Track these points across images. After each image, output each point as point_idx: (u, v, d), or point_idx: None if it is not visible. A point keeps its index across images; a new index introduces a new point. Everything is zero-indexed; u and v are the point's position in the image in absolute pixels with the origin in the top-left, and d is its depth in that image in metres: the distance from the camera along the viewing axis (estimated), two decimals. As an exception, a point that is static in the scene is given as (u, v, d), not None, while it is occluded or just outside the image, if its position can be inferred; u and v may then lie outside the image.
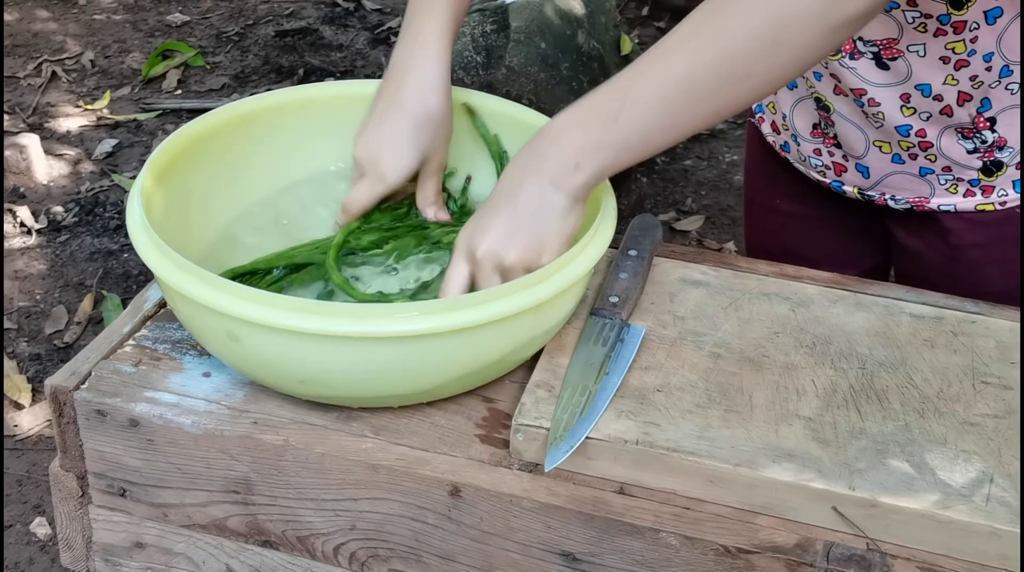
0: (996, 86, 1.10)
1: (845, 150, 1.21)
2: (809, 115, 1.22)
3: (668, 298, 1.05)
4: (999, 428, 0.91)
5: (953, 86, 1.10)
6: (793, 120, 1.24)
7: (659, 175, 3.06)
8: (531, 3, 2.76)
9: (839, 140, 1.21)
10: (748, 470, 0.86)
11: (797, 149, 1.26)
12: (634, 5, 3.98)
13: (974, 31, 1.06)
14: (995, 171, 1.17)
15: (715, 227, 2.87)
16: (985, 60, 1.08)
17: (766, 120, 1.30)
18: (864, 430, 0.90)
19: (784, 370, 0.96)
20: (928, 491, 0.84)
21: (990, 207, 1.20)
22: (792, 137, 1.26)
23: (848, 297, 1.07)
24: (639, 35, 3.79)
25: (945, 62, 1.09)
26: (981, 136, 1.14)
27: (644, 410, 0.91)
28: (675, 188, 3.01)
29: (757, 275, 1.10)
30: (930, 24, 1.06)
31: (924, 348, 1.00)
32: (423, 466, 0.89)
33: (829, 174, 1.25)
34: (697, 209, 2.93)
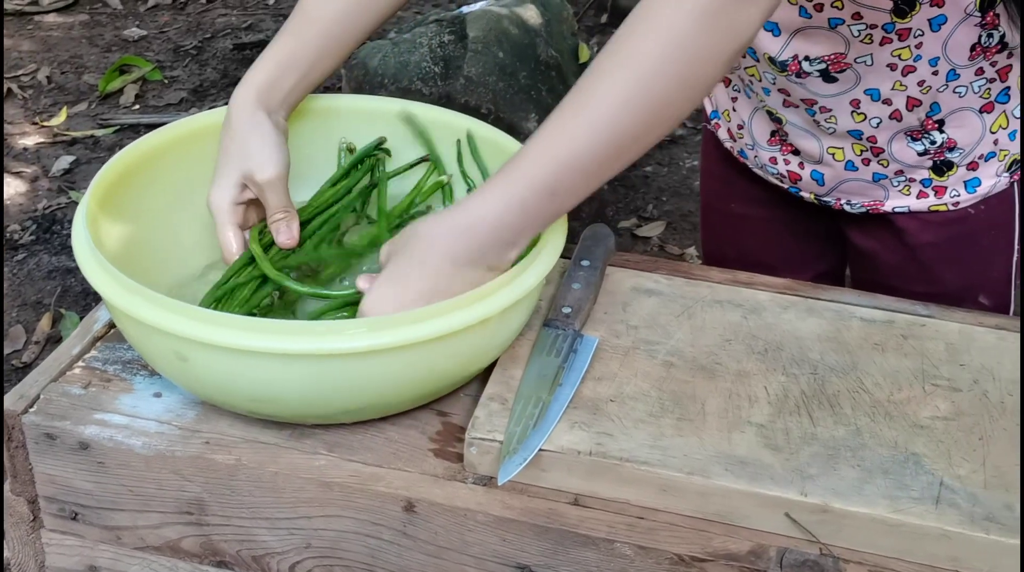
0: (944, 90, 1.12)
1: (802, 157, 1.22)
2: (766, 124, 1.23)
3: (621, 307, 1.05)
4: (948, 430, 0.92)
5: (902, 91, 1.11)
6: (751, 128, 1.25)
7: (620, 182, 3.07)
8: (488, 13, 2.77)
9: (795, 148, 1.22)
10: (701, 478, 0.86)
11: (755, 156, 1.27)
12: (592, 13, 3.99)
13: (919, 38, 1.07)
14: (946, 171, 1.18)
15: (676, 233, 2.88)
16: (931, 65, 1.09)
17: (722, 126, 1.31)
18: (816, 436, 0.91)
19: (736, 377, 0.97)
20: (879, 495, 0.85)
21: (943, 207, 1.21)
22: (749, 145, 1.27)
23: (799, 303, 1.07)
24: (598, 42, 3.80)
25: (892, 68, 1.10)
26: (930, 137, 1.15)
27: (597, 420, 0.91)
28: (636, 195, 3.02)
29: (709, 282, 1.10)
30: (876, 34, 1.07)
31: (875, 352, 1.01)
32: (377, 482, 0.89)
33: (786, 181, 1.26)
34: (658, 215, 2.94)
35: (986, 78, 1.12)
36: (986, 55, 1.10)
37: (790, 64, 1.12)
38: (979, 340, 1.03)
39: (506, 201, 0.89)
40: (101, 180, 0.99)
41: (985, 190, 1.20)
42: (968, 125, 1.15)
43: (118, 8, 4.05)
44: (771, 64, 1.13)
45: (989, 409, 0.94)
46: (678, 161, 3.17)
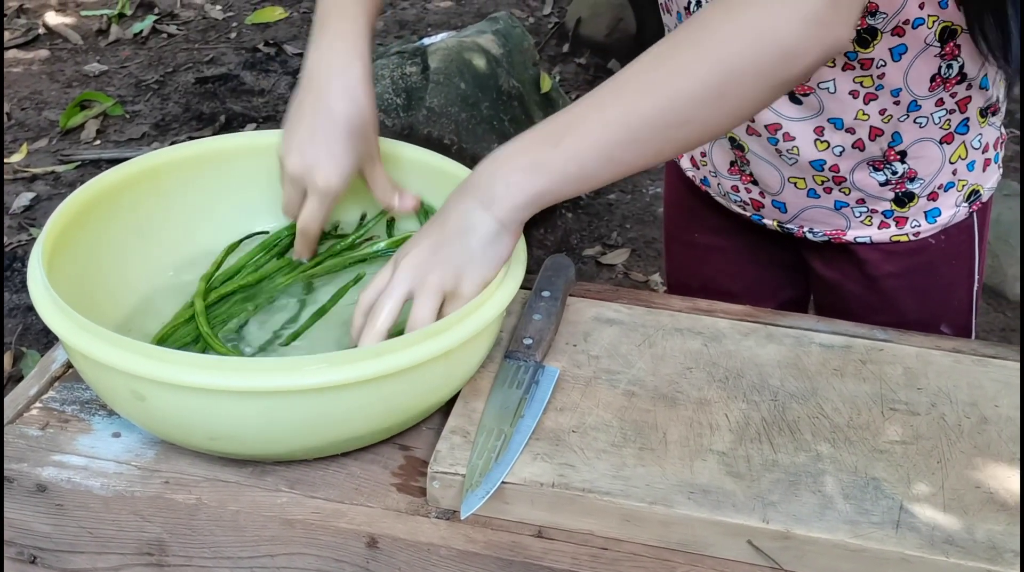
0: (905, 119, 1.13)
1: (761, 187, 1.23)
2: (725, 153, 1.24)
3: (582, 337, 1.05)
4: (907, 454, 0.93)
5: (864, 120, 1.13)
6: (712, 157, 1.26)
7: (584, 210, 3.08)
8: (450, 44, 2.78)
9: (755, 178, 1.23)
10: (663, 508, 0.86)
11: (717, 184, 1.28)
12: (554, 43, 4.02)
13: (881, 68, 1.09)
14: (907, 202, 1.20)
15: (641, 260, 2.89)
16: (893, 95, 1.11)
17: (684, 155, 1.32)
18: (777, 462, 0.91)
19: (697, 405, 0.97)
20: (840, 520, 0.85)
21: (904, 238, 1.23)
22: (711, 172, 1.28)
23: (759, 329, 1.08)
24: (560, 72, 3.83)
25: (855, 96, 1.11)
26: (892, 167, 1.17)
27: (559, 452, 0.91)
28: (600, 222, 3.04)
29: (670, 311, 1.11)
30: (838, 60, 1.08)
31: (834, 377, 1.02)
32: (339, 519, 0.88)
33: (748, 209, 1.27)
34: (623, 242, 2.96)
35: (946, 109, 1.13)
36: (946, 86, 1.11)
37: None
38: (936, 364, 1.04)
39: (513, 140, 0.91)
40: (58, 217, 0.99)
41: (945, 220, 1.21)
42: (928, 155, 1.17)
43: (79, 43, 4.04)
44: None
45: (947, 432, 0.95)
46: (641, 188, 3.20)
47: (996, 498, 0.88)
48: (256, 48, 3.97)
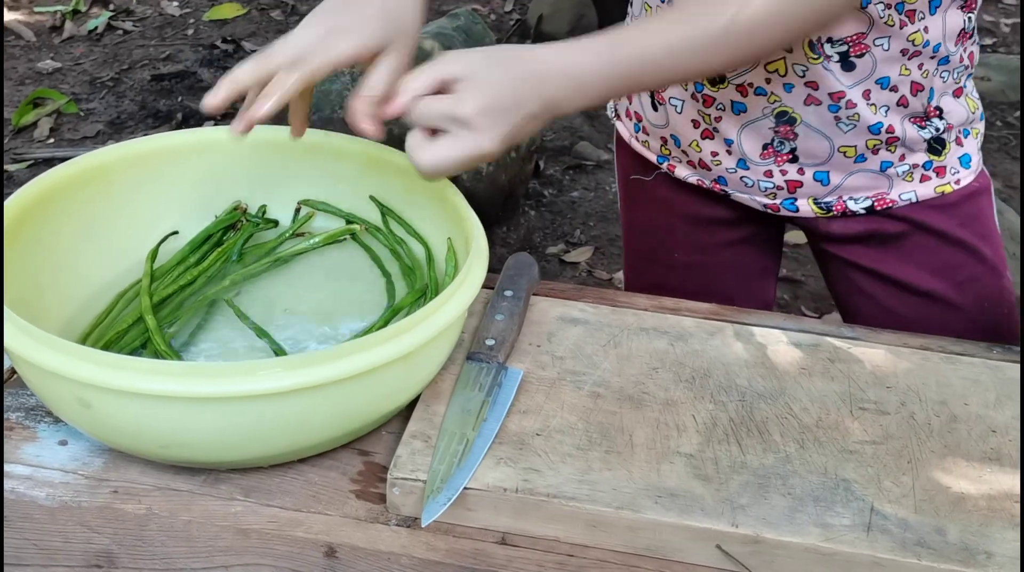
0: (935, 75, 1.14)
1: (802, 163, 1.20)
2: (760, 136, 1.19)
3: (546, 338, 1.03)
4: (877, 454, 0.91)
5: (907, 76, 1.13)
6: (741, 144, 1.21)
7: (547, 208, 3.06)
8: (410, 41, 2.75)
9: (796, 154, 1.19)
10: (630, 513, 0.84)
11: (740, 178, 1.23)
12: (516, 40, 4.00)
13: (922, 20, 1.09)
14: (941, 150, 1.20)
15: (604, 257, 2.88)
16: (934, 50, 1.12)
17: (682, 161, 1.27)
18: (745, 464, 0.89)
19: (664, 406, 0.95)
20: (810, 523, 0.84)
21: (948, 188, 1.21)
22: (738, 162, 1.22)
23: (726, 328, 1.06)
24: (522, 69, 3.81)
25: (904, 54, 1.11)
26: (933, 124, 1.18)
27: (523, 456, 0.88)
28: (563, 220, 3.02)
29: (635, 310, 1.09)
30: (894, 16, 1.08)
31: (802, 376, 1.00)
32: (296, 527, 0.85)
33: (781, 194, 1.23)
34: (586, 240, 2.94)
35: (964, 64, 1.17)
36: (964, 40, 1.14)
37: (818, 46, 1.12)
38: (904, 362, 1.03)
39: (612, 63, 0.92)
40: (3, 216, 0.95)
41: (977, 163, 1.22)
42: (954, 110, 1.19)
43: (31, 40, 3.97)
44: (809, 49, 1.12)
45: (917, 431, 0.94)
46: (604, 186, 3.18)
47: (967, 498, 0.87)
48: (214, 45, 3.91)
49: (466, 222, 0.98)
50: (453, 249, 1.02)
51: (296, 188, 1.13)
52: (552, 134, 3.40)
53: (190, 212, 1.11)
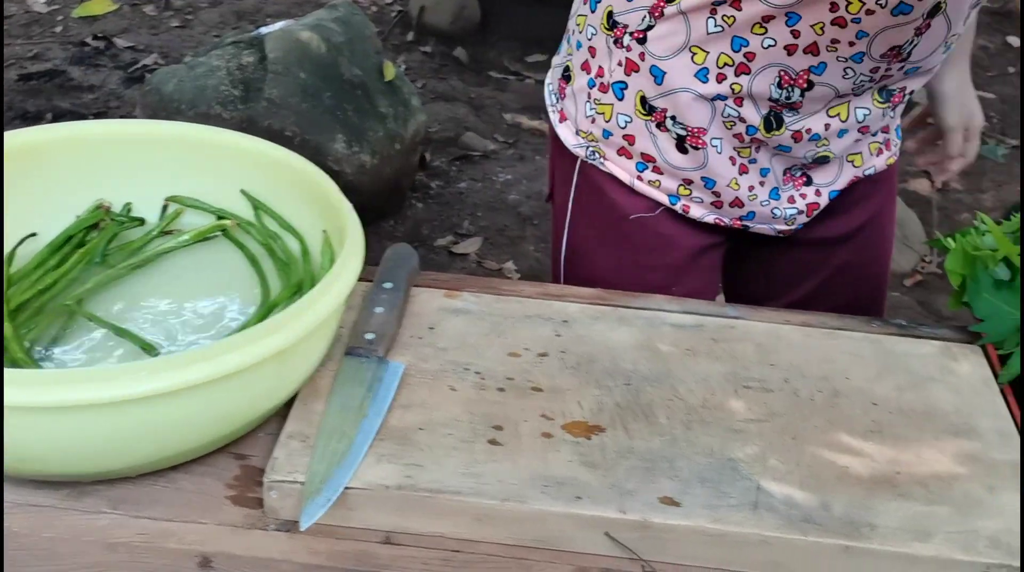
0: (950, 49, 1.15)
1: (816, 184, 1.20)
2: (787, 161, 1.18)
3: (428, 330, 1.00)
4: (762, 432, 0.91)
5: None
6: (776, 172, 1.18)
7: (434, 199, 3.03)
8: (288, 33, 2.69)
9: (811, 176, 1.20)
10: (516, 504, 0.82)
11: (772, 208, 1.20)
12: (399, 31, 3.95)
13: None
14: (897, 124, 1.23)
15: (494, 248, 2.86)
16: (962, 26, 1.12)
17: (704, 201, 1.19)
18: (632, 449, 0.88)
19: (550, 394, 0.93)
20: (698, 505, 0.83)
21: (892, 160, 1.25)
22: (771, 192, 1.19)
23: (610, 313, 1.05)
24: (405, 61, 3.76)
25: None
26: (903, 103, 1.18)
27: (406, 452, 0.86)
28: (451, 212, 2.99)
29: (519, 298, 1.07)
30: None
31: (687, 358, 0.99)
32: (168, 539, 0.81)
33: (800, 218, 1.22)
34: (475, 231, 2.92)
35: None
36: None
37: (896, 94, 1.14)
38: (786, 339, 1.03)
39: None
40: None
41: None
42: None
43: None
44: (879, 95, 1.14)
45: (800, 408, 0.94)
46: (491, 176, 3.16)
47: (851, 472, 0.87)
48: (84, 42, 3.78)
49: (341, 213, 0.95)
50: (329, 242, 0.98)
51: (163, 184, 1.08)
52: (438, 125, 3.37)
53: (49, 212, 1.05)
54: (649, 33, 1.10)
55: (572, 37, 1.20)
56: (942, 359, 1.02)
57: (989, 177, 3.23)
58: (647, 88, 1.12)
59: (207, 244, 1.07)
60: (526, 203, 3.04)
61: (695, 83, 1.10)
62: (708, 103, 1.11)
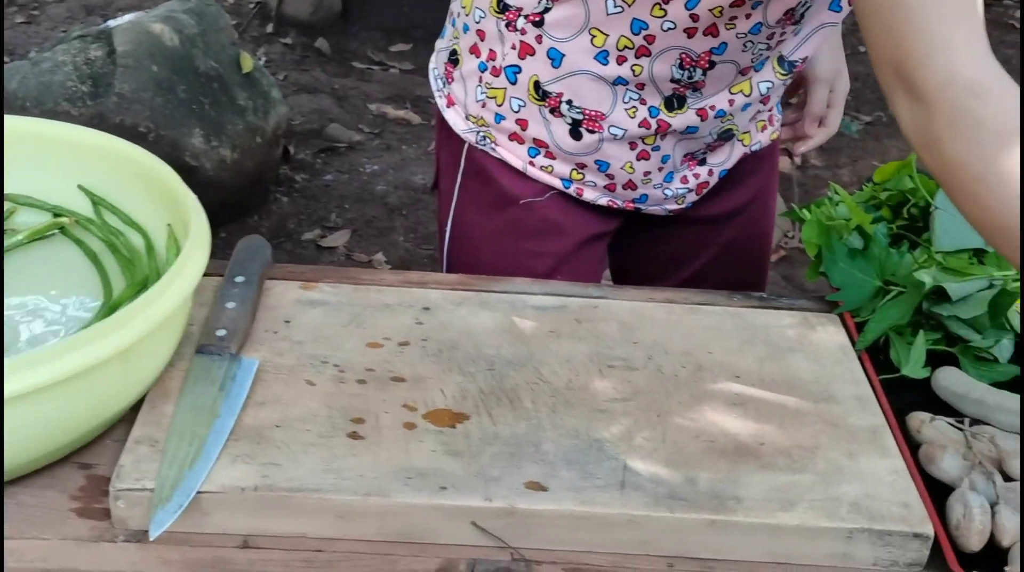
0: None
1: (710, 164, 1.20)
2: (691, 149, 1.17)
3: (284, 323, 0.97)
4: (628, 410, 0.90)
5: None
6: (675, 157, 1.16)
7: (300, 193, 2.97)
8: (138, 25, 2.59)
9: (706, 157, 1.19)
10: (379, 498, 0.79)
11: (664, 189, 1.19)
12: (257, 23, 3.86)
13: None
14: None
15: (362, 240, 2.81)
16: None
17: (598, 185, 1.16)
18: (497, 435, 0.86)
19: (412, 383, 0.91)
20: (565, 488, 0.82)
21: (775, 135, 1.24)
22: (666, 176, 1.18)
23: (472, 297, 1.03)
24: (266, 53, 3.68)
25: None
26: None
27: (262, 451, 0.82)
28: (318, 205, 2.93)
29: (379, 286, 1.04)
30: None
31: (550, 339, 0.98)
32: (8, 557, 0.76)
33: (690, 196, 1.21)
34: (343, 224, 2.87)
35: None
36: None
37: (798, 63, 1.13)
38: (649, 316, 1.03)
39: None
40: None
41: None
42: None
43: None
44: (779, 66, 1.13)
45: (664, 384, 0.94)
46: (358, 167, 3.11)
47: (716, 446, 0.87)
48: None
49: (184, 206, 0.91)
50: (174, 235, 0.94)
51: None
52: (301, 117, 3.30)
53: None
54: (546, 16, 1.07)
55: (458, 20, 1.17)
56: (801, 329, 1.03)
57: (846, 153, 3.32)
58: (543, 72, 1.10)
59: (46, 243, 1.01)
60: (394, 194, 3.00)
61: (595, 65, 1.08)
62: (609, 86, 1.09)
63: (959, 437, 0.90)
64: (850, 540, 0.81)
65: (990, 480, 0.86)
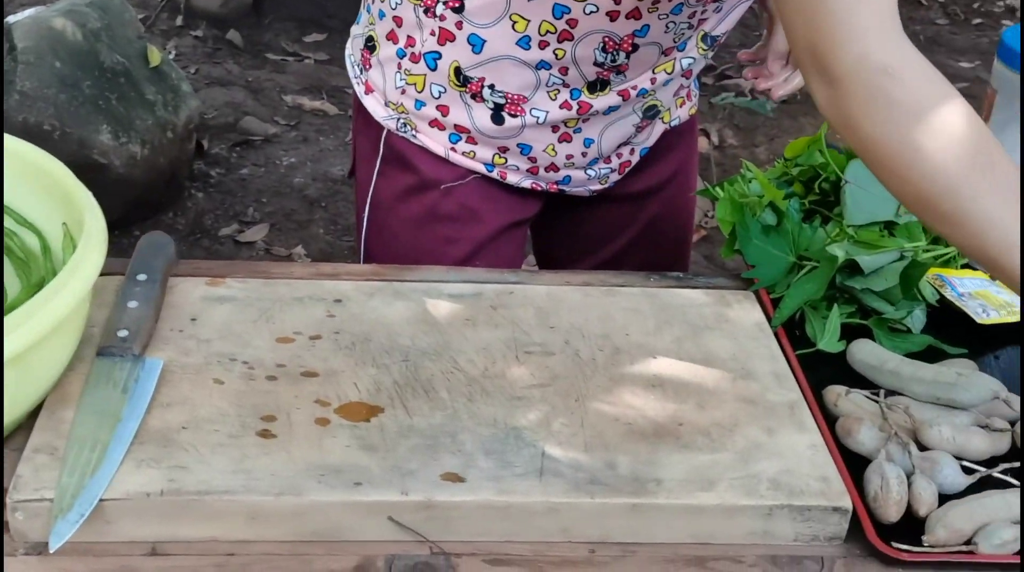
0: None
1: (633, 143, 1.18)
2: (622, 134, 1.15)
3: (190, 321, 0.94)
4: (546, 397, 0.89)
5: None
6: (600, 145, 1.15)
7: (216, 188, 2.91)
8: (38, 20, 2.51)
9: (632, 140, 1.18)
10: (292, 498, 0.77)
11: (587, 171, 1.17)
12: (166, 16, 3.78)
13: None
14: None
15: (281, 234, 2.77)
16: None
17: (521, 168, 1.15)
18: (413, 427, 0.84)
19: (325, 378, 0.89)
20: (482, 479, 0.80)
21: (695, 110, 1.24)
22: (591, 161, 1.16)
23: (385, 288, 1.01)
24: (176, 46, 3.60)
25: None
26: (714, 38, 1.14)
27: (169, 454, 0.80)
28: (235, 199, 2.87)
29: (289, 280, 1.01)
30: None
31: (466, 327, 0.96)
32: (-101, 578, 0.72)
33: (613, 175, 1.20)
34: (261, 218, 2.81)
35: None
36: None
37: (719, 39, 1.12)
38: (566, 300, 1.02)
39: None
40: None
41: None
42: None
43: None
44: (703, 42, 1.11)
45: (582, 368, 0.93)
46: (275, 160, 3.06)
47: (635, 428, 0.86)
48: None
49: (79, 203, 0.87)
50: (70, 235, 0.90)
51: None
52: (215, 111, 3.24)
53: None
54: (466, 2, 1.05)
55: (372, 6, 1.15)
56: (718, 308, 1.02)
57: (762, 131, 3.35)
58: (463, 58, 1.08)
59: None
60: (312, 186, 2.96)
61: (517, 51, 1.07)
62: (531, 70, 1.07)
63: (875, 409, 0.91)
64: (770, 517, 0.81)
65: (905, 450, 0.86)
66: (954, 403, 0.91)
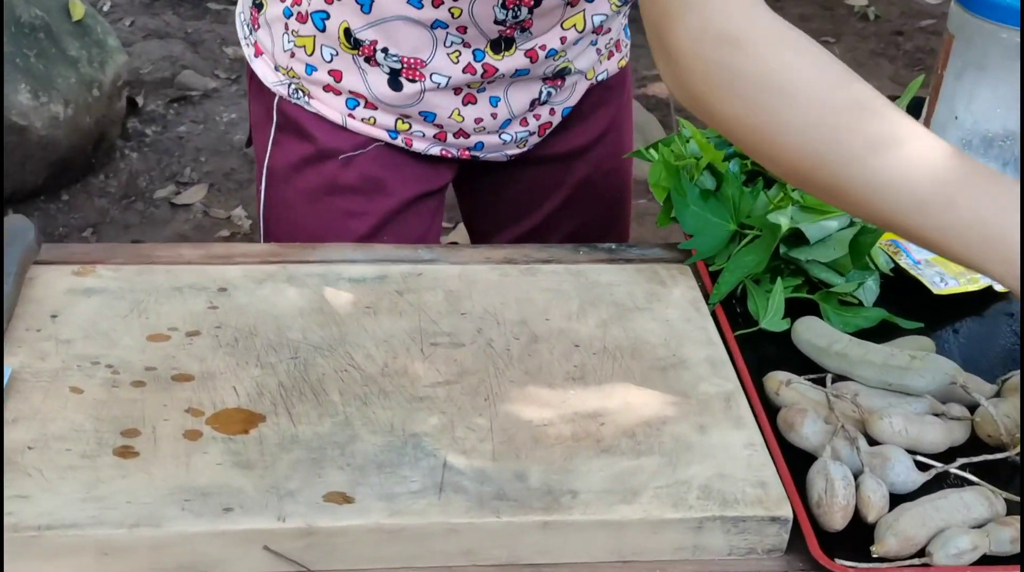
0: None
1: (552, 103, 1.08)
2: (529, 92, 1.05)
3: (50, 319, 0.83)
4: (452, 396, 0.79)
5: None
6: (510, 104, 1.05)
7: (151, 147, 2.77)
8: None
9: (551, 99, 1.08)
10: (150, 529, 0.67)
11: (501, 135, 1.07)
12: None
13: None
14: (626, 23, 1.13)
15: (221, 194, 2.64)
16: None
17: (426, 135, 1.05)
18: (297, 438, 0.74)
19: (200, 382, 0.78)
20: (373, 498, 0.70)
21: (624, 62, 1.16)
22: (503, 123, 1.06)
23: (279, 273, 0.90)
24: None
25: None
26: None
27: (10, 480, 0.69)
28: (171, 159, 2.74)
29: (170, 266, 0.90)
30: None
31: (366, 317, 0.86)
32: None
33: (532, 138, 1.10)
34: (199, 178, 2.69)
35: None
36: None
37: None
38: (481, 281, 0.91)
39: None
40: None
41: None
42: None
43: None
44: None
45: (495, 360, 0.83)
46: (214, 117, 2.93)
47: (550, 431, 0.77)
48: None
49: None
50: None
51: None
52: (151, 65, 3.09)
53: None
54: None
55: None
56: (650, 285, 0.92)
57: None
58: (352, 18, 0.96)
59: None
60: (253, 143, 2.83)
61: (409, 9, 0.95)
62: (427, 30, 0.96)
63: (820, 398, 0.81)
64: (700, 530, 0.71)
65: (853, 445, 0.77)
66: (907, 389, 0.82)
